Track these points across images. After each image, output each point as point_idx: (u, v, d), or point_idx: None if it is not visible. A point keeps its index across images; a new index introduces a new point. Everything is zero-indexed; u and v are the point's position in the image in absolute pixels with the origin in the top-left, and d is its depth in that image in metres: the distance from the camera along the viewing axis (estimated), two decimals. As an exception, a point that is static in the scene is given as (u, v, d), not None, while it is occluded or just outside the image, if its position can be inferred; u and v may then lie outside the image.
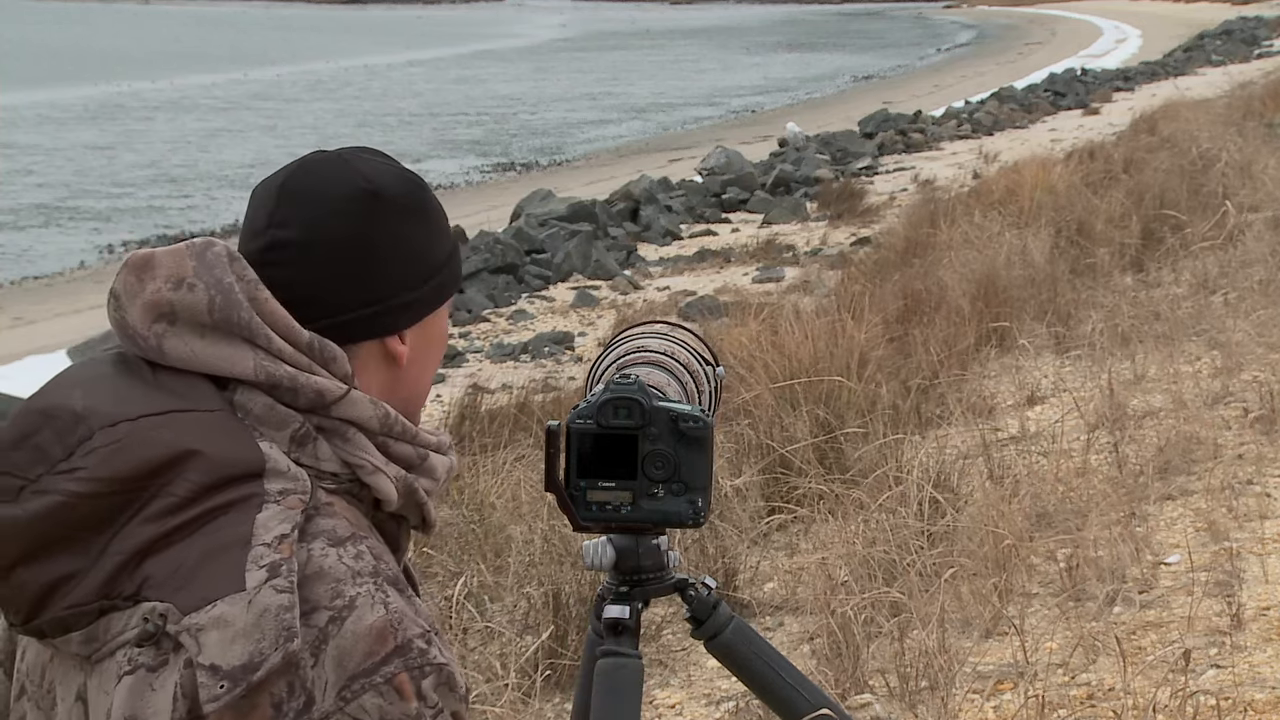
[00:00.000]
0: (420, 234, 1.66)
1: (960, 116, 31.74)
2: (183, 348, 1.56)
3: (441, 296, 1.69)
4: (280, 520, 1.48)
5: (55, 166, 32.81)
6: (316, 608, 1.47)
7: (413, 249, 1.65)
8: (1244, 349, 7.04)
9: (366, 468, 1.59)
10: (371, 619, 1.48)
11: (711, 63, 66.42)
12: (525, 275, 17.09)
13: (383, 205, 1.63)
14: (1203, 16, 72.09)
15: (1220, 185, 11.44)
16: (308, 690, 1.46)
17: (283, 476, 1.52)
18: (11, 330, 16.64)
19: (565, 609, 4.84)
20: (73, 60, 66.55)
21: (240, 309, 1.56)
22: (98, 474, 1.48)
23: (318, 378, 1.58)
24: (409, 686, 1.48)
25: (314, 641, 1.46)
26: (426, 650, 1.50)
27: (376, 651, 1.47)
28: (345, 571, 1.50)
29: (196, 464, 1.49)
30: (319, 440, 1.58)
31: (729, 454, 6.15)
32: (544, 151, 34.94)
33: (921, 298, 8.83)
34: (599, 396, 2.28)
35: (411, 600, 1.54)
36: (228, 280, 1.57)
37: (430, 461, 1.66)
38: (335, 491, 1.58)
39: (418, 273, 1.65)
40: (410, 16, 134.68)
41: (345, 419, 1.59)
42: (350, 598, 1.49)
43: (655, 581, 2.38)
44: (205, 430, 1.51)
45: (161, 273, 1.57)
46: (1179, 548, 4.96)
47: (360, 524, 1.58)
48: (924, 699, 4.20)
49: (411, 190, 1.66)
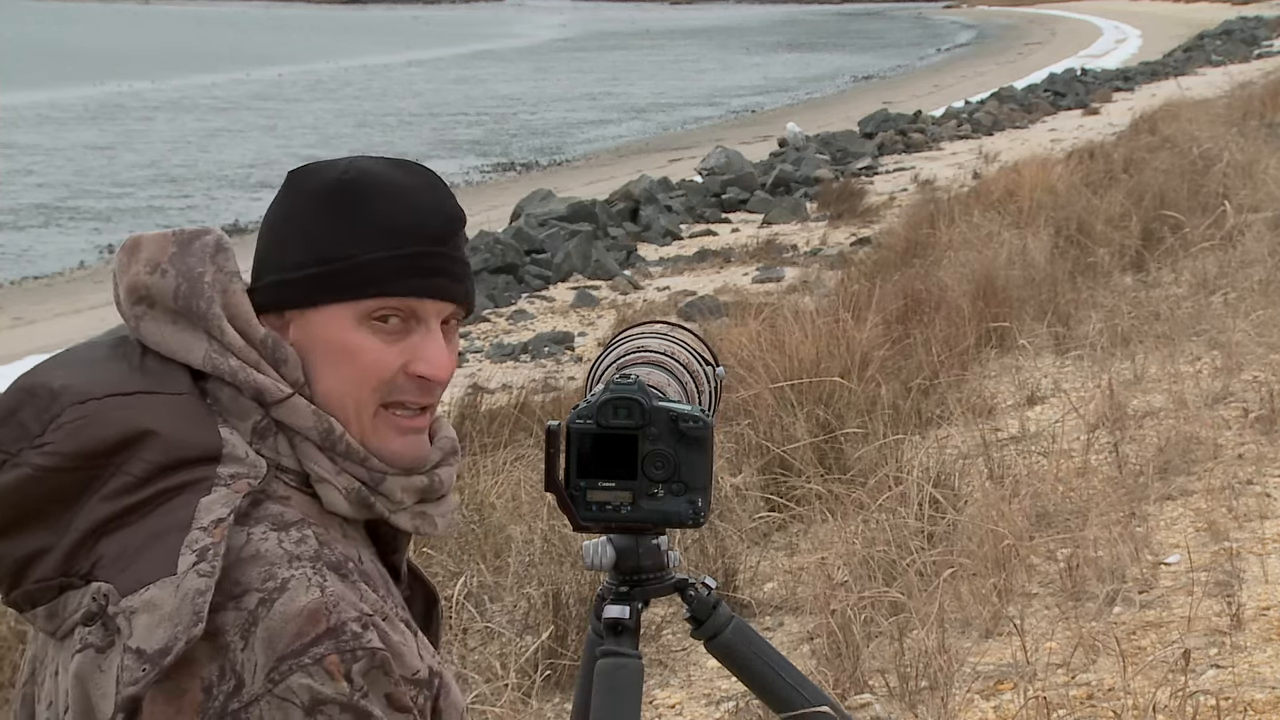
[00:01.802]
0: (324, 224, 1.59)
1: (960, 116, 31.74)
2: (155, 332, 1.58)
3: (327, 290, 1.58)
4: (221, 503, 1.49)
5: (55, 166, 32.81)
6: (248, 590, 1.47)
7: (307, 234, 1.59)
8: (1244, 349, 7.04)
9: (314, 474, 1.58)
10: (304, 601, 1.47)
11: (711, 63, 66.41)
12: (525, 275, 17.09)
13: (291, 186, 1.62)
14: (1203, 16, 72.07)
15: (1220, 185, 11.44)
16: (237, 673, 1.45)
17: (239, 462, 1.52)
18: (11, 330, 16.63)
19: (565, 609, 4.84)
20: (73, 60, 66.53)
21: (200, 298, 1.58)
22: (61, 449, 1.50)
23: (260, 375, 1.57)
24: (339, 668, 1.46)
25: (243, 624, 1.46)
26: (360, 634, 1.48)
27: (306, 633, 1.46)
28: (281, 555, 1.49)
29: (152, 444, 1.50)
30: (279, 435, 1.58)
31: (729, 454, 6.15)
32: (544, 151, 34.94)
33: (921, 298, 8.83)
34: (599, 396, 2.28)
35: (356, 586, 1.52)
36: (199, 269, 1.59)
37: (387, 485, 1.61)
38: (298, 489, 1.58)
39: (304, 256, 1.59)
40: (410, 16, 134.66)
41: (284, 423, 1.58)
42: (282, 580, 1.48)
43: (655, 581, 2.38)
44: (167, 413, 1.53)
45: (143, 256, 1.61)
46: (1179, 548, 4.96)
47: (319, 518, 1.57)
48: (924, 699, 4.20)
49: (332, 179, 1.61)
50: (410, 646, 1.54)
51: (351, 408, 1.60)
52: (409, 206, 1.61)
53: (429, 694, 1.55)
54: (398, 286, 1.59)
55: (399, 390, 1.61)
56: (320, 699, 1.45)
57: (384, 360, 1.59)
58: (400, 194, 1.62)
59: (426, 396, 1.63)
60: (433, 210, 1.64)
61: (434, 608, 1.79)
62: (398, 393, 1.61)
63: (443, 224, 1.64)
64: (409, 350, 1.60)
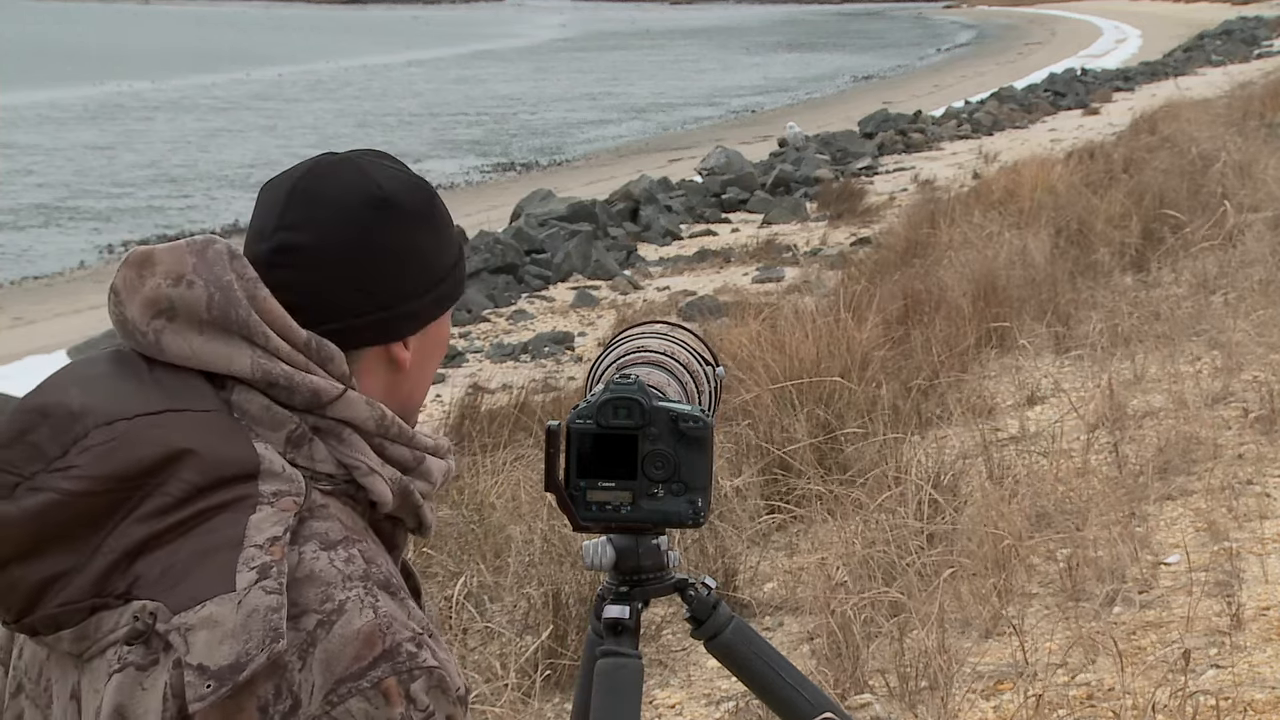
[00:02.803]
0: (428, 242, 1.66)
1: (960, 116, 31.73)
2: (181, 344, 1.56)
3: (445, 304, 1.69)
4: (273, 522, 1.48)
5: (55, 166, 32.81)
6: (305, 611, 1.47)
7: (420, 257, 1.65)
8: (1244, 349, 7.04)
9: (362, 469, 1.59)
10: (360, 623, 1.48)
11: (711, 63, 66.41)
12: (525, 275, 17.09)
13: (393, 212, 1.63)
14: (1203, 16, 72.07)
15: (1220, 185, 11.45)
16: (294, 693, 1.46)
17: (277, 478, 1.52)
18: (11, 330, 16.64)
19: (565, 609, 4.84)
20: (73, 60, 66.54)
21: (239, 306, 1.56)
22: (92, 472, 1.48)
23: (314, 377, 1.58)
24: (396, 691, 1.47)
25: (302, 645, 1.46)
26: (416, 654, 1.49)
27: (364, 656, 1.47)
28: (336, 575, 1.50)
29: (191, 464, 1.49)
30: (315, 441, 1.58)
31: (729, 454, 6.15)
32: (544, 151, 34.94)
33: (921, 298, 8.83)
34: (599, 396, 2.28)
35: (404, 603, 1.53)
36: (227, 278, 1.57)
37: (426, 465, 1.65)
38: (331, 493, 1.58)
39: (424, 281, 1.66)
40: (410, 16, 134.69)
41: (341, 419, 1.59)
42: (339, 602, 1.48)
43: (655, 581, 2.38)
44: (201, 430, 1.51)
45: (161, 269, 1.58)
46: (1179, 548, 4.96)
47: (355, 526, 1.58)
48: (924, 699, 4.20)
49: (421, 198, 1.66)
50: (454, 663, 1.55)
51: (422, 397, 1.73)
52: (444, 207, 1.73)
53: (465, 711, 1.56)
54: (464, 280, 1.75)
55: None
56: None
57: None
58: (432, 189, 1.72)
59: None
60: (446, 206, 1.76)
61: (418, 601, 1.79)
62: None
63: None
64: None
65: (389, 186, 1.64)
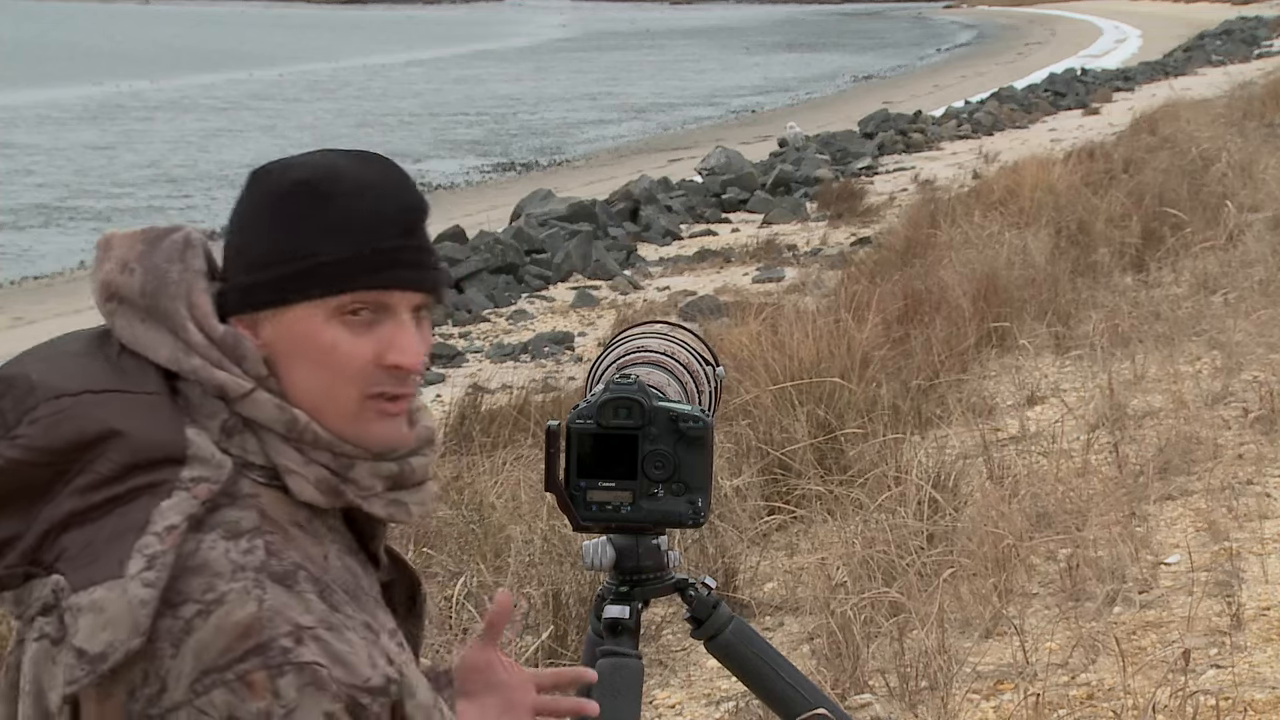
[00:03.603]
0: (276, 222, 1.60)
1: (960, 116, 31.72)
2: (126, 329, 1.61)
3: (288, 290, 1.59)
4: (177, 510, 1.50)
5: (55, 166, 32.81)
6: (187, 600, 1.48)
7: (260, 234, 1.60)
8: (1244, 349, 7.04)
9: (282, 467, 1.59)
10: (239, 615, 1.48)
11: (711, 63, 66.39)
12: (525, 275, 17.09)
13: (262, 182, 1.62)
14: (1203, 16, 72.06)
15: (1220, 185, 11.45)
16: (162, 678, 1.47)
17: (204, 464, 1.54)
18: (11, 330, 16.63)
19: (565, 609, 4.84)
20: (73, 60, 66.54)
21: (165, 296, 1.59)
22: (33, 443, 1.53)
23: (221, 372, 1.58)
24: (261, 684, 1.46)
25: (177, 633, 1.48)
26: (290, 649, 1.48)
27: (235, 648, 1.47)
28: (226, 566, 1.50)
29: (120, 444, 1.52)
30: (245, 433, 1.58)
31: (729, 454, 6.15)
32: (544, 151, 34.93)
33: (922, 298, 8.83)
34: (599, 396, 2.28)
35: (302, 597, 1.51)
36: (165, 267, 1.60)
37: (355, 471, 1.61)
38: (268, 485, 1.58)
39: (273, 255, 1.59)
40: (410, 16, 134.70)
41: (248, 418, 1.58)
42: (221, 593, 1.49)
43: (655, 581, 2.38)
44: (136, 412, 1.55)
45: (114, 254, 1.64)
46: (1179, 548, 4.96)
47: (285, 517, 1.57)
48: (924, 699, 4.20)
49: (308, 179, 1.60)
50: (360, 654, 1.53)
51: (329, 402, 1.60)
52: (370, 200, 1.61)
53: (385, 700, 1.54)
54: (365, 280, 1.59)
55: (376, 382, 1.61)
56: (236, 716, 1.46)
57: (356, 353, 1.59)
58: (361, 188, 1.61)
59: (402, 386, 1.62)
60: (394, 201, 1.63)
61: (417, 593, 1.78)
62: (375, 384, 1.61)
63: (405, 214, 1.63)
64: (381, 341, 1.60)
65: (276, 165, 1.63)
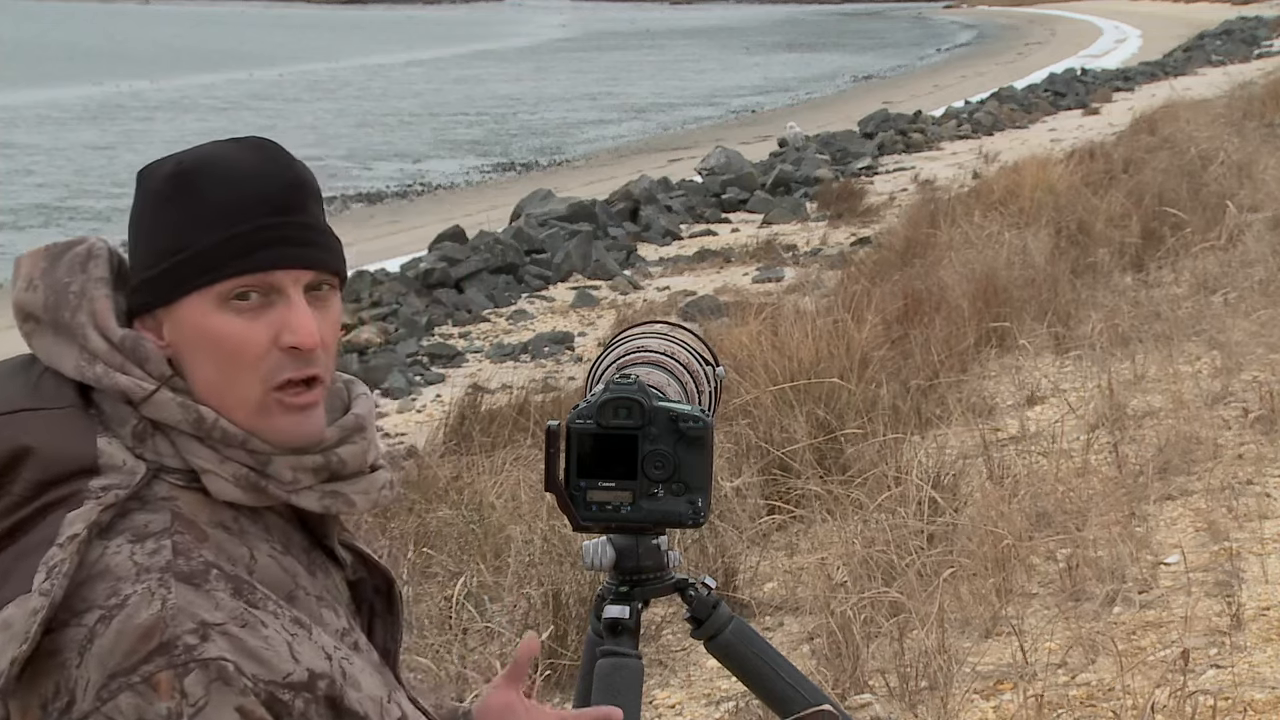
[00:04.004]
0: (155, 219, 1.59)
1: (960, 116, 31.71)
2: (41, 347, 1.60)
3: (172, 285, 1.57)
4: (82, 519, 1.48)
5: (55, 166, 32.81)
6: (91, 607, 1.47)
7: (141, 232, 1.60)
8: (1244, 349, 7.04)
9: (197, 466, 1.56)
10: (141, 617, 1.46)
11: (711, 63, 66.37)
12: (525, 275, 17.09)
13: (144, 186, 1.61)
14: (1203, 16, 72.05)
15: (1220, 185, 11.45)
16: (70, 690, 1.46)
17: (116, 471, 1.52)
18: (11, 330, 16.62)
19: (565, 609, 4.85)
20: (73, 60, 66.54)
21: (65, 308, 1.58)
22: None
23: (121, 376, 1.56)
24: (167, 684, 1.44)
25: (81, 641, 1.46)
26: (195, 646, 1.46)
27: (138, 650, 1.45)
28: (129, 569, 1.48)
29: (31, 462, 1.51)
30: (157, 435, 1.57)
31: (729, 454, 6.15)
32: (544, 151, 34.92)
33: (921, 298, 8.83)
34: (599, 396, 2.29)
35: (210, 595, 1.49)
36: (65, 280, 1.59)
37: (273, 466, 1.58)
38: (186, 487, 1.56)
39: (155, 252, 1.58)
40: (410, 16, 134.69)
41: (156, 420, 1.56)
42: (124, 596, 1.47)
43: (655, 581, 2.39)
44: (47, 428, 1.53)
45: (21, 273, 1.62)
46: (1179, 548, 4.97)
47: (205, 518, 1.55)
48: (924, 699, 4.20)
49: (167, 171, 1.60)
50: (279, 649, 1.51)
51: (233, 395, 1.57)
52: (244, 180, 1.59)
53: (311, 696, 1.52)
54: (244, 264, 1.56)
55: (278, 368, 1.57)
56: (145, 718, 1.44)
57: (251, 338, 1.56)
58: (233, 172, 1.60)
59: (306, 368, 1.58)
60: (269, 179, 1.60)
61: (391, 588, 1.74)
62: (278, 371, 1.57)
63: (281, 192, 1.60)
64: (274, 324, 1.57)
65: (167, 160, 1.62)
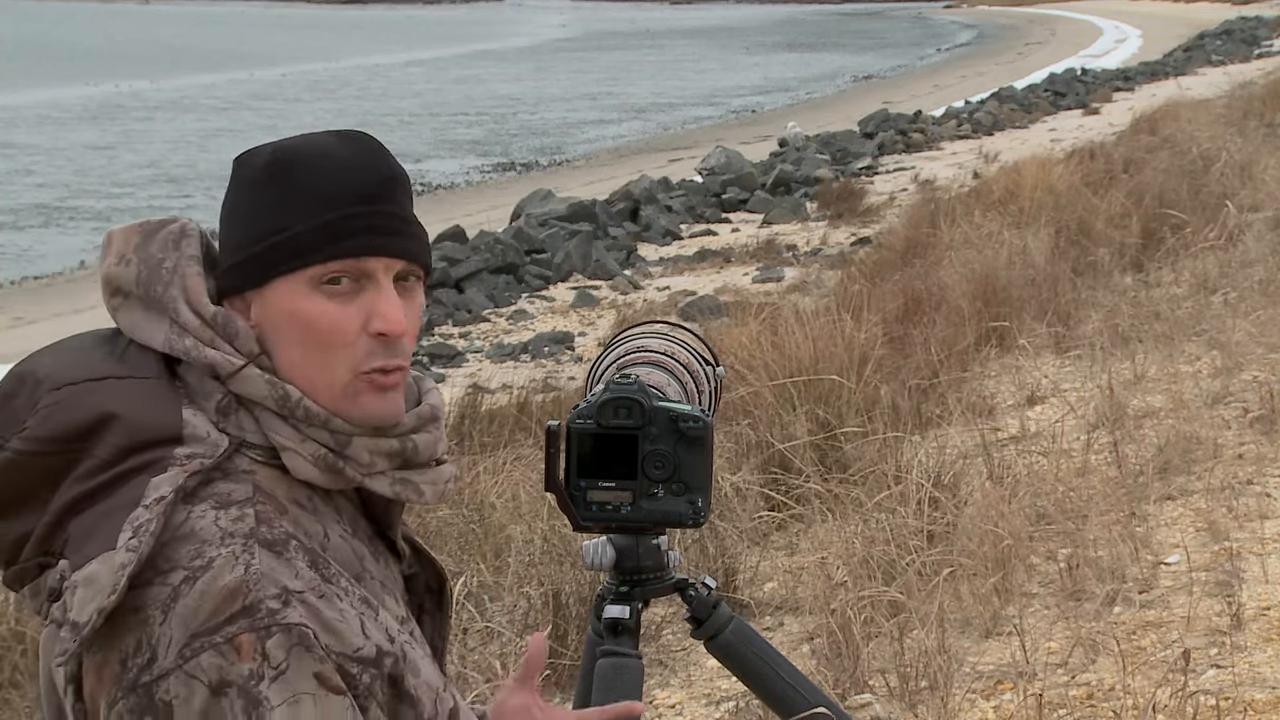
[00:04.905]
0: (251, 204, 1.63)
1: (960, 116, 31.73)
2: (128, 320, 1.63)
3: (266, 266, 1.61)
4: (168, 482, 1.52)
5: (55, 166, 32.82)
6: (175, 567, 1.50)
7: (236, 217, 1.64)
8: (1244, 349, 7.04)
9: (278, 444, 1.60)
10: (226, 579, 1.49)
11: (711, 63, 66.39)
12: (525, 275, 17.10)
13: (240, 173, 1.66)
14: (1203, 16, 72.07)
15: (1220, 185, 11.45)
16: (152, 646, 1.48)
17: (200, 442, 1.56)
18: (11, 330, 16.64)
19: (565, 609, 4.85)
20: (73, 60, 66.54)
21: (158, 283, 1.62)
22: (36, 433, 1.56)
23: (211, 350, 1.59)
24: (249, 646, 1.47)
25: (166, 600, 1.49)
26: (278, 610, 1.49)
27: (222, 611, 1.48)
28: (215, 534, 1.51)
29: (116, 427, 1.55)
30: (241, 411, 1.60)
31: (729, 454, 6.15)
32: (544, 151, 34.93)
33: (921, 298, 8.83)
34: (599, 396, 2.29)
35: (291, 563, 1.52)
36: (159, 256, 1.63)
37: (352, 447, 1.61)
38: (266, 463, 1.59)
39: (249, 236, 1.62)
40: (410, 16, 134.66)
41: (240, 395, 1.60)
42: (210, 559, 1.50)
43: (655, 581, 2.38)
44: (134, 396, 1.57)
45: (113, 249, 1.66)
46: (1179, 548, 4.96)
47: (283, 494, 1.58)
48: (924, 699, 4.20)
49: (263, 158, 1.64)
50: (352, 624, 1.54)
51: (321, 376, 1.61)
52: (340, 170, 1.63)
53: (377, 672, 1.55)
54: (339, 249, 1.60)
55: (367, 354, 1.61)
56: (227, 679, 1.46)
57: (343, 322, 1.60)
58: (331, 160, 1.64)
59: (392, 356, 1.62)
60: (365, 170, 1.64)
61: (443, 586, 1.79)
62: (368, 358, 1.61)
63: (377, 183, 1.64)
64: (364, 309, 1.61)
65: (264, 147, 1.66)
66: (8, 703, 4.99)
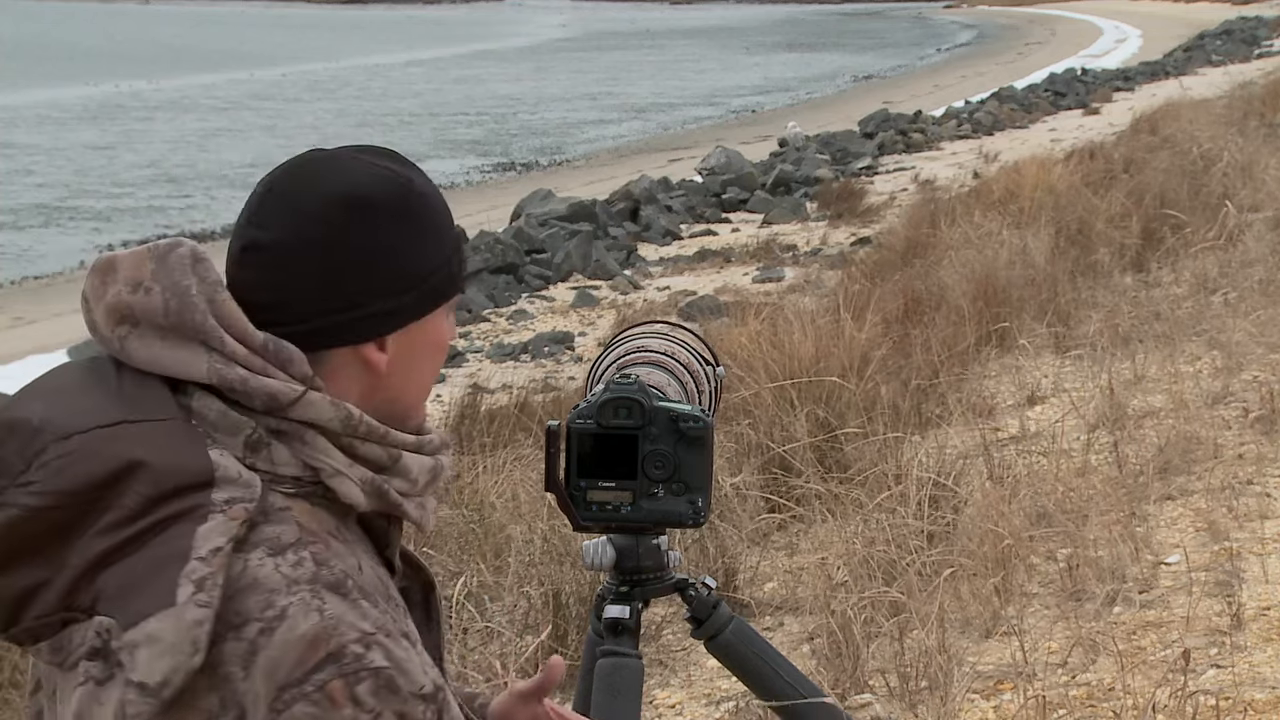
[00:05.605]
0: (402, 241, 1.61)
1: (960, 116, 31.74)
2: (144, 351, 1.56)
3: (427, 305, 1.64)
4: (219, 533, 1.48)
5: (55, 166, 32.82)
6: (248, 620, 1.46)
7: (389, 256, 1.60)
8: (1244, 349, 7.04)
9: (327, 470, 1.57)
10: (304, 627, 1.46)
11: (711, 63, 66.39)
12: (525, 275, 17.10)
13: (359, 210, 1.59)
14: (1203, 16, 72.05)
15: (1221, 185, 11.44)
16: (239, 703, 1.45)
17: (233, 484, 1.51)
18: (11, 330, 16.64)
19: (565, 609, 4.85)
20: (73, 60, 66.53)
21: (195, 311, 1.55)
22: (49, 487, 1.49)
23: (270, 380, 1.55)
24: (341, 693, 1.45)
25: (244, 654, 1.46)
26: (363, 655, 1.47)
27: (308, 660, 1.45)
28: (280, 581, 1.48)
29: (143, 476, 1.49)
30: (274, 445, 1.56)
31: (729, 454, 6.15)
32: (544, 151, 34.94)
33: (921, 298, 8.83)
34: (599, 396, 2.29)
35: (357, 604, 1.50)
36: (185, 282, 1.56)
37: (403, 463, 1.62)
38: (296, 495, 1.56)
39: (394, 280, 1.60)
40: (410, 16, 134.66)
41: (303, 421, 1.57)
42: (282, 608, 1.47)
43: (655, 581, 2.39)
44: (155, 440, 1.51)
45: (121, 276, 1.58)
46: (1179, 548, 4.96)
47: (317, 528, 1.56)
48: (924, 699, 4.20)
49: (396, 195, 1.61)
50: (414, 661, 1.53)
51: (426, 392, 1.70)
52: (439, 197, 1.69)
53: (435, 708, 1.53)
54: (464, 275, 1.72)
55: None
56: None
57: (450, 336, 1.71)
58: (433, 189, 1.68)
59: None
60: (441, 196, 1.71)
61: (431, 594, 1.77)
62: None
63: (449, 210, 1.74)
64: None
65: (363, 183, 1.60)
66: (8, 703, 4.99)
